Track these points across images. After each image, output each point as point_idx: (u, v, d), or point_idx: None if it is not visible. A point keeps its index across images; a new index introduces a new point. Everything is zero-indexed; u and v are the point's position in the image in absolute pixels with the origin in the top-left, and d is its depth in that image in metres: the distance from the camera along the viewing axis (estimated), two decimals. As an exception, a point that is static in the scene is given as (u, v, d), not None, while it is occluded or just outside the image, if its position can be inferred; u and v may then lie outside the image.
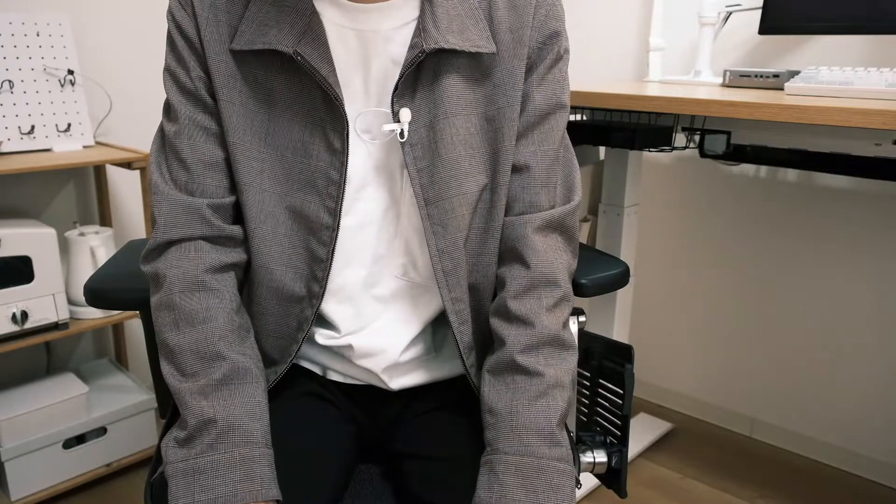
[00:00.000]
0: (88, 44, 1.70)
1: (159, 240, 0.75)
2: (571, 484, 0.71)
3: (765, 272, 1.87)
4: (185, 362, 0.72)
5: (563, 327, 0.77)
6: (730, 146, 1.62)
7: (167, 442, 0.72)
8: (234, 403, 0.71)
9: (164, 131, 0.78)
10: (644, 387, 2.19)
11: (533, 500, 0.68)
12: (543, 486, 0.68)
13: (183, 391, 0.71)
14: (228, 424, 0.69)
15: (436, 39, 0.71)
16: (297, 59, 0.71)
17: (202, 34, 0.74)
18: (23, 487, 1.54)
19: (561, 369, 0.74)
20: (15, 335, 1.48)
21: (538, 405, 0.72)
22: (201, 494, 0.66)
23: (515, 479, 0.68)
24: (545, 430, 0.71)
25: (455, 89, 0.75)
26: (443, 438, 0.79)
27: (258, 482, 0.67)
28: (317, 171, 0.75)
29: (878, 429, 1.75)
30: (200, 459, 0.68)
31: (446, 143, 0.74)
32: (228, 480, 0.67)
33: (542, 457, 0.69)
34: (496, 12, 0.75)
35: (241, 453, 0.68)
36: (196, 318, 0.73)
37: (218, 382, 0.71)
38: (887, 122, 1.04)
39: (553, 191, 0.79)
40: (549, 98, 0.78)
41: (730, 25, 1.77)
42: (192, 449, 0.69)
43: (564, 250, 0.80)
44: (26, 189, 1.66)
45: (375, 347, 0.81)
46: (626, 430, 0.91)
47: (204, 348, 0.72)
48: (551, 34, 0.77)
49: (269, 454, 0.70)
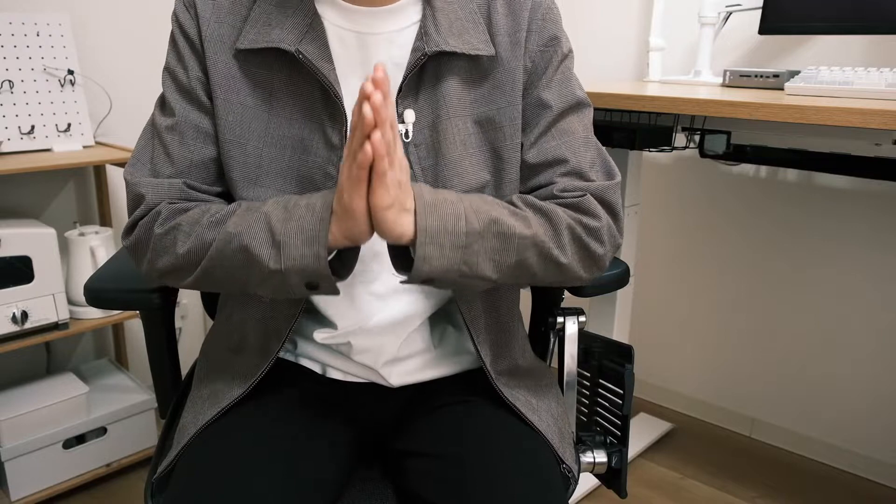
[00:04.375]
0: (88, 44, 1.70)
1: (140, 212, 0.76)
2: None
3: (765, 272, 1.87)
4: (205, 227, 0.72)
5: (581, 251, 0.77)
6: (730, 146, 1.62)
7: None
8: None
9: (154, 124, 0.79)
10: (644, 387, 2.19)
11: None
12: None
13: (229, 225, 0.71)
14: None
15: (437, 42, 0.74)
16: (298, 56, 0.73)
17: (203, 35, 0.76)
18: (23, 487, 1.54)
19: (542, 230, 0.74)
20: (15, 335, 1.48)
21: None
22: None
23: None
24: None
25: (455, 91, 0.77)
26: (444, 436, 0.79)
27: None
28: (314, 167, 0.76)
29: (878, 429, 1.75)
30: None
31: (448, 143, 0.76)
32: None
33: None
34: (495, 16, 0.78)
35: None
36: (196, 215, 0.74)
37: (246, 208, 0.72)
38: (887, 122, 1.05)
39: (590, 172, 0.80)
40: (564, 97, 0.80)
41: (730, 25, 1.77)
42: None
43: (609, 218, 0.80)
44: (26, 189, 1.66)
45: (374, 344, 0.81)
46: (626, 431, 0.91)
47: (216, 213, 0.73)
48: (550, 38, 0.79)
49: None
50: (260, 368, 0.79)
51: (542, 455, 0.78)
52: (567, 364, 0.95)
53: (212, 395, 0.81)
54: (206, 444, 0.75)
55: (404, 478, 0.79)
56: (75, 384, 1.63)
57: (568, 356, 0.95)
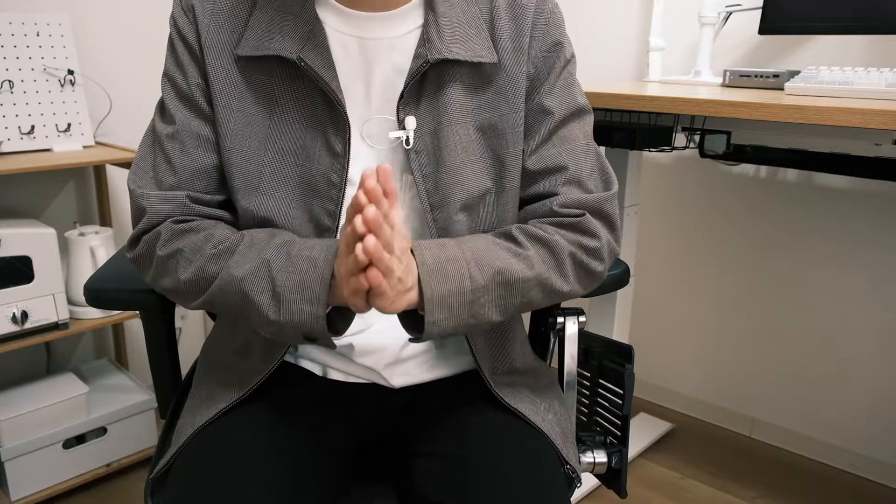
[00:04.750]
0: (88, 44, 1.70)
1: (143, 226, 0.76)
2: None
3: (765, 272, 1.87)
4: (207, 259, 0.72)
5: (581, 270, 0.79)
6: (730, 146, 1.62)
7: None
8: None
9: (155, 131, 0.78)
10: (644, 387, 2.19)
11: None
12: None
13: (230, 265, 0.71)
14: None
15: (440, 50, 0.74)
16: (300, 64, 0.72)
17: (202, 40, 0.75)
18: (23, 487, 1.54)
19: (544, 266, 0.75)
20: (15, 335, 1.48)
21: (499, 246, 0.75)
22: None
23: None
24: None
25: (457, 98, 0.76)
26: (446, 436, 0.79)
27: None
28: (317, 174, 0.75)
29: (878, 429, 1.75)
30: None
31: (450, 150, 0.76)
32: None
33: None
34: (498, 21, 0.78)
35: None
36: (199, 242, 0.74)
37: (248, 244, 0.73)
38: (887, 122, 1.05)
39: (588, 181, 0.81)
40: (566, 104, 0.81)
41: (730, 25, 1.77)
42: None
43: (608, 233, 0.81)
44: (26, 189, 1.66)
45: (376, 345, 0.81)
46: (626, 431, 0.91)
47: (219, 244, 0.74)
48: (554, 43, 0.79)
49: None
50: (262, 372, 0.79)
51: (544, 456, 0.78)
52: (567, 364, 0.95)
53: (210, 395, 0.81)
54: (204, 445, 0.74)
55: (406, 478, 0.79)
56: (75, 384, 1.63)
57: (568, 356, 0.95)
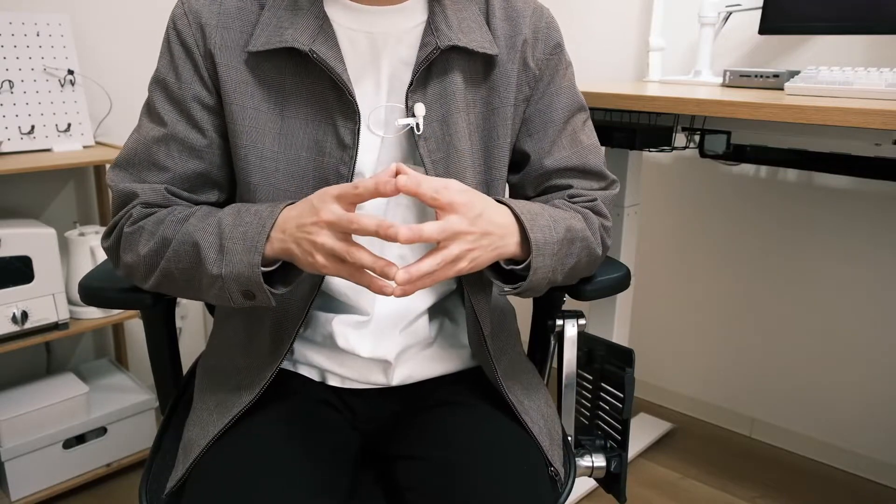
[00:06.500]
0: (88, 44, 1.70)
1: (116, 218, 0.77)
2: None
3: (765, 272, 1.87)
4: (167, 227, 0.73)
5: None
6: (730, 146, 1.62)
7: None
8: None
9: (141, 132, 0.79)
10: (644, 387, 2.19)
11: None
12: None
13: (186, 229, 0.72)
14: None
15: (449, 37, 0.76)
16: (312, 56, 0.73)
17: (210, 42, 0.76)
18: (23, 487, 1.54)
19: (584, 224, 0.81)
20: (15, 335, 1.48)
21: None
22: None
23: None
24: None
25: (461, 87, 0.79)
26: (432, 439, 0.79)
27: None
28: (329, 168, 0.76)
29: (878, 429, 1.75)
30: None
31: (459, 136, 0.78)
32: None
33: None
34: (493, 20, 0.81)
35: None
36: (162, 216, 0.75)
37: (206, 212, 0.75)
38: (887, 122, 1.04)
39: (598, 175, 0.86)
40: (572, 104, 0.85)
41: (730, 25, 1.76)
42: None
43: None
44: (26, 189, 1.66)
45: (375, 342, 0.81)
46: (626, 435, 0.91)
47: (179, 213, 0.75)
48: (555, 46, 0.84)
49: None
50: (269, 366, 0.79)
51: (531, 457, 0.78)
52: (566, 367, 0.95)
53: (218, 405, 0.80)
54: (215, 459, 0.74)
55: (393, 481, 0.79)
56: (75, 384, 1.63)
57: (567, 359, 0.95)
